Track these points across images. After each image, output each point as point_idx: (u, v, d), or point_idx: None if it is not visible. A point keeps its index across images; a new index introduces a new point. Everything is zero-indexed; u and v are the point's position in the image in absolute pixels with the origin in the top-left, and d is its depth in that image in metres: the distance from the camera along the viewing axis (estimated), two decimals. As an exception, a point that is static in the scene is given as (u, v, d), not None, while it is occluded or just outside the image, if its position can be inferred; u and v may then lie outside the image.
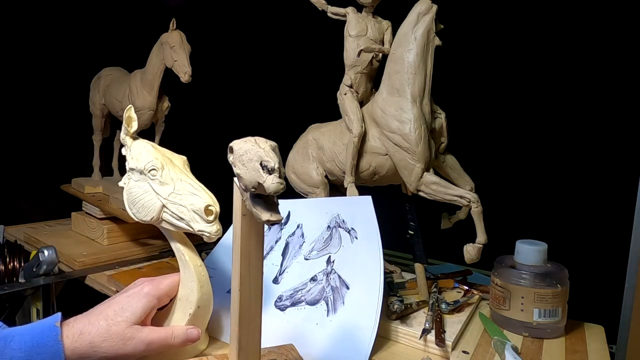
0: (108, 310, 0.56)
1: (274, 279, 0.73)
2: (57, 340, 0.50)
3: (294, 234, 0.76)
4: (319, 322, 0.66)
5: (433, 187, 0.75)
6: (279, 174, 0.39)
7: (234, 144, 0.42)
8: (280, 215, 0.40)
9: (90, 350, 0.53)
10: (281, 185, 0.38)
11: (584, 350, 0.67)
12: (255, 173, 0.39)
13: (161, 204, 0.60)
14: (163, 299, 0.61)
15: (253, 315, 0.48)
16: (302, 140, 0.91)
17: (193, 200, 0.59)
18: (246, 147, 0.40)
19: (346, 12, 0.83)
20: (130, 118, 0.64)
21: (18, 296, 0.92)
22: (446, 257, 1.13)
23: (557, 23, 1.06)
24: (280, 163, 0.39)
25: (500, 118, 1.14)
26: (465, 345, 0.67)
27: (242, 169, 0.40)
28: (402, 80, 0.76)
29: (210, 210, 0.59)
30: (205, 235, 0.59)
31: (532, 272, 0.69)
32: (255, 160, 0.39)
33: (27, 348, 0.49)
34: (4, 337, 0.50)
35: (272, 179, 0.38)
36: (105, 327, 0.54)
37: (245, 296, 0.47)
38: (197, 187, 0.60)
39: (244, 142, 0.41)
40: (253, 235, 0.46)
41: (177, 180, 0.61)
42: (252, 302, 0.47)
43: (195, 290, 0.61)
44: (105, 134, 1.26)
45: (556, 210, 1.07)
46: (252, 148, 0.40)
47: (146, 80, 1.07)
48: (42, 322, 0.53)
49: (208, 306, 0.64)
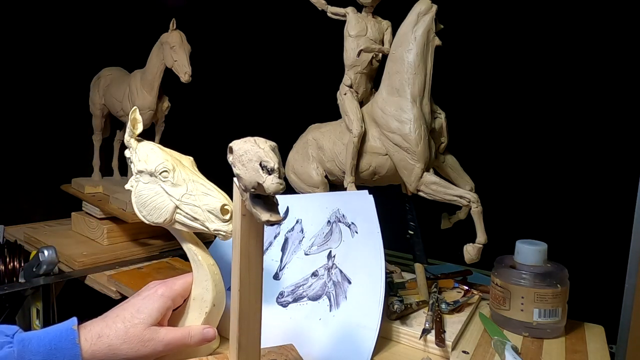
0: (124, 312, 0.56)
1: (274, 275, 0.73)
2: (75, 344, 0.51)
3: (293, 229, 0.76)
4: (322, 318, 0.66)
5: (433, 187, 0.75)
6: (278, 174, 0.39)
7: (233, 144, 0.42)
8: (280, 216, 0.40)
9: (110, 353, 0.53)
10: (281, 186, 0.38)
11: (584, 350, 0.67)
12: (254, 173, 0.39)
13: (174, 206, 0.61)
14: (177, 300, 0.62)
15: (253, 315, 0.48)
16: (302, 140, 0.91)
17: (207, 201, 0.60)
18: (246, 147, 0.40)
19: (346, 12, 0.83)
20: (136, 120, 0.64)
21: (18, 296, 0.92)
22: (446, 257, 1.13)
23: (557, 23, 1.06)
24: (279, 163, 0.39)
25: (500, 118, 1.14)
26: (465, 345, 0.67)
27: (242, 169, 0.40)
28: (402, 80, 0.76)
29: (227, 210, 0.59)
30: (221, 234, 0.60)
31: (532, 272, 0.69)
32: (254, 161, 0.39)
33: (45, 352, 0.49)
34: (21, 341, 0.50)
35: (271, 179, 0.38)
36: (123, 330, 0.54)
37: (245, 296, 0.47)
38: (209, 187, 0.61)
39: (244, 143, 0.41)
40: (253, 235, 0.46)
41: (189, 181, 0.61)
42: (252, 302, 0.47)
43: (210, 289, 0.62)
44: (105, 134, 1.26)
45: (556, 210, 1.07)
46: (252, 148, 0.40)
47: (146, 80, 1.07)
48: (59, 326, 0.53)
49: (222, 305, 0.64)
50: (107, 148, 1.27)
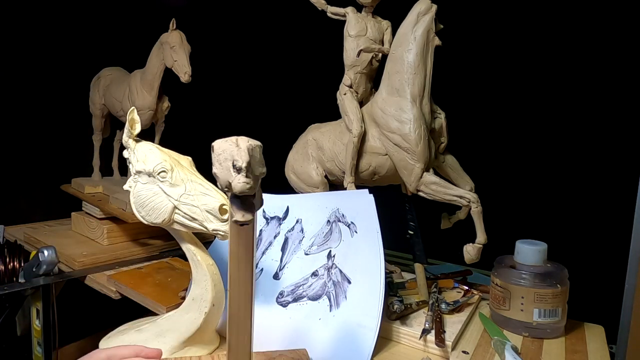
0: None
1: (274, 274, 0.73)
2: None
3: (293, 229, 0.76)
4: (322, 318, 0.66)
5: (433, 187, 0.75)
6: (245, 174, 0.38)
7: (215, 143, 0.41)
8: (251, 216, 0.40)
9: None
10: (247, 186, 0.38)
11: (584, 350, 0.67)
12: (227, 172, 0.39)
13: (172, 206, 0.61)
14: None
15: (243, 317, 0.47)
16: (301, 140, 0.91)
17: (206, 201, 0.60)
18: (224, 146, 0.40)
19: (346, 12, 0.83)
20: (134, 120, 0.64)
21: (18, 296, 0.92)
22: (446, 257, 1.13)
23: (557, 23, 1.06)
24: (248, 163, 0.38)
25: (500, 118, 1.14)
26: (465, 345, 0.67)
27: (219, 168, 0.40)
28: (401, 80, 0.76)
29: (225, 209, 0.59)
30: (219, 234, 0.60)
31: (532, 272, 0.69)
32: (229, 160, 0.39)
33: None
34: None
35: (239, 178, 0.38)
36: None
37: (234, 297, 0.46)
38: (207, 187, 0.61)
39: (224, 142, 0.40)
40: (242, 235, 0.45)
41: (187, 181, 0.61)
42: (241, 304, 0.46)
43: (210, 288, 0.62)
44: (105, 134, 1.26)
45: (556, 210, 1.07)
46: (229, 147, 0.40)
47: (146, 80, 1.07)
48: None
49: (221, 305, 0.64)
50: (107, 148, 1.27)
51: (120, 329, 0.68)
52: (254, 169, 0.39)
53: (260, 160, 0.40)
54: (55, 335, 0.94)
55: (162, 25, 1.04)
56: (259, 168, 0.40)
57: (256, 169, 0.39)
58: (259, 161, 0.40)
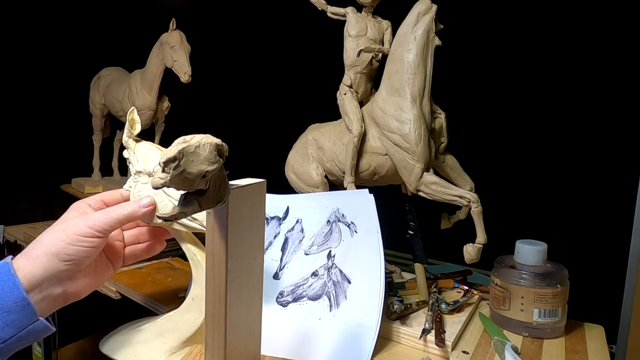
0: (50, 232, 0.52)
1: (274, 274, 0.73)
2: (11, 274, 0.50)
3: (293, 229, 0.76)
4: (322, 317, 0.66)
5: (433, 187, 0.75)
6: (162, 169, 0.37)
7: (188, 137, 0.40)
8: (175, 215, 0.40)
9: (52, 270, 0.51)
10: (160, 181, 0.37)
11: (584, 350, 0.67)
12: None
13: (172, 206, 0.60)
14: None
15: (217, 315, 0.47)
16: (301, 140, 0.91)
17: None
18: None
19: (346, 12, 0.83)
20: (134, 120, 0.64)
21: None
22: (446, 257, 1.13)
23: (557, 23, 1.06)
24: (169, 159, 0.37)
25: (500, 118, 1.14)
26: (465, 345, 0.67)
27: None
28: (401, 80, 0.76)
29: None
30: None
31: (532, 272, 0.69)
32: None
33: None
34: None
35: (157, 173, 0.38)
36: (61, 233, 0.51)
37: (210, 295, 0.46)
38: None
39: (192, 138, 0.39)
40: (217, 233, 0.45)
41: None
42: (216, 301, 0.46)
43: None
44: (105, 134, 1.26)
45: (556, 210, 1.07)
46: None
47: (146, 80, 1.07)
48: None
49: None
50: (107, 148, 1.27)
51: (120, 329, 0.68)
52: (190, 166, 0.37)
53: (205, 158, 0.38)
54: (55, 335, 0.94)
55: (162, 25, 1.04)
56: (201, 166, 0.38)
57: (193, 167, 0.38)
58: (204, 159, 0.38)
